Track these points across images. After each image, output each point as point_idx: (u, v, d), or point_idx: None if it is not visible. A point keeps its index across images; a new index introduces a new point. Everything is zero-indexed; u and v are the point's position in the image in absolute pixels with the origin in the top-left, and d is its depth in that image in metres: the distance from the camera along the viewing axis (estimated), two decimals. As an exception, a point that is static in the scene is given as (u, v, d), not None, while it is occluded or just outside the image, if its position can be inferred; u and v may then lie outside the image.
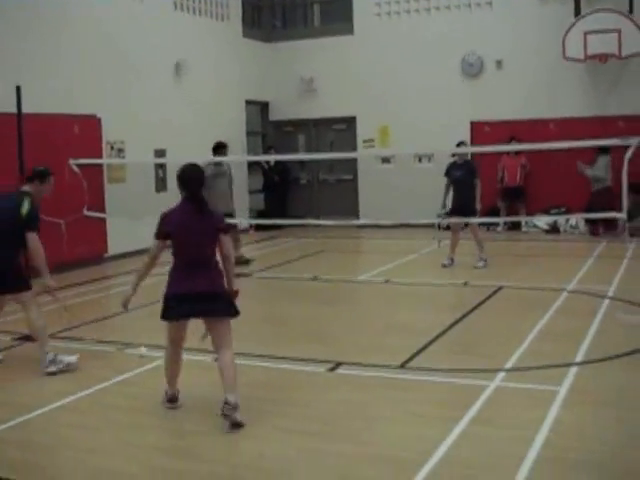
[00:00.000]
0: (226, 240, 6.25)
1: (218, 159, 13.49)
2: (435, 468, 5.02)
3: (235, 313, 6.23)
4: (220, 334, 6.15)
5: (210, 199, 13.04)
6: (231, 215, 13.31)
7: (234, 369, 6.11)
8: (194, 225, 6.09)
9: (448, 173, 12.88)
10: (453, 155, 13.21)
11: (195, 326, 6.33)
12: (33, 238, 7.41)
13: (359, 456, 5.30)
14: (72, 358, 7.60)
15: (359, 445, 5.50)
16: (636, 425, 5.81)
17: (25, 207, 7.43)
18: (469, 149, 13.08)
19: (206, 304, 6.06)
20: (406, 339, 8.34)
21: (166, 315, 6.18)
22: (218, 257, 6.27)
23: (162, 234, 6.11)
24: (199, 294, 6.04)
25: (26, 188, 7.71)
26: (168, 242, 6.15)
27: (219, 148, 13.80)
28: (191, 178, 6.20)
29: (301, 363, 7.57)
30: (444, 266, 12.78)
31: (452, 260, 12.87)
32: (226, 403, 5.93)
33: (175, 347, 6.38)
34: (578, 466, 5.09)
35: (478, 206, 12.65)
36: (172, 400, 6.48)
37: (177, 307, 6.09)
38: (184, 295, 6.06)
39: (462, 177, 12.63)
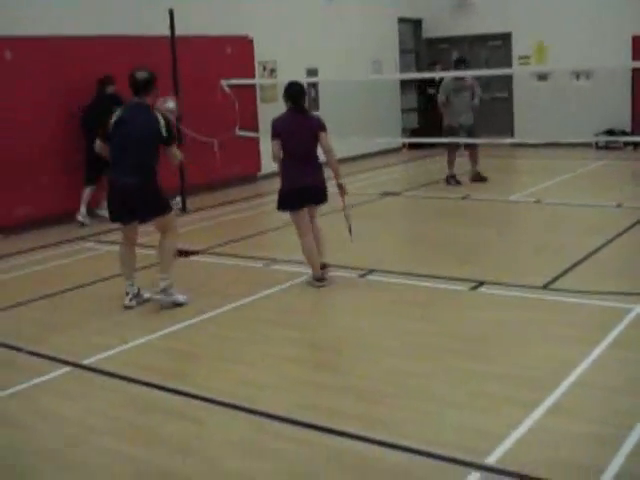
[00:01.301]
0: (324, 136, 7.55)
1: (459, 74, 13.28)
2: (568, 390, 4.95)
3: (326, 200, 7.75)
4: (314, 212, 7.75)
5: (451, 112, 12.96)
6: (471, 128, 13.25)
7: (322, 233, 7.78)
8: (298, 127, 7.53)
9: None
10: None
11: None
12: (175, 150, 7.15)
13: (491, 375, 5.29)
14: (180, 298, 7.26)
15: (492, 364, 5.50)
16: None
17: (164, 128, 6.92)
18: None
19: (314, 194, 7.62)
20: (552, 260, 8.19)
21: (286, 206, 7.65)
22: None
23: (275, 135, 7.51)
24: (309, 187, 7.58)
25: (146, 101, 7.02)
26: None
27: (459, 63, 13.65)
28: (296, 92, 7.65)
29: (444, 281, 7.57)
30: None
31: None
32: (325, 266, 7.66)
33: (304, 229, 7.63)
34: None
35: None
36: (320, 279, 7.59)
37: (294, 199, 7.57)
38: (298, 189, 7.54)
39: None
